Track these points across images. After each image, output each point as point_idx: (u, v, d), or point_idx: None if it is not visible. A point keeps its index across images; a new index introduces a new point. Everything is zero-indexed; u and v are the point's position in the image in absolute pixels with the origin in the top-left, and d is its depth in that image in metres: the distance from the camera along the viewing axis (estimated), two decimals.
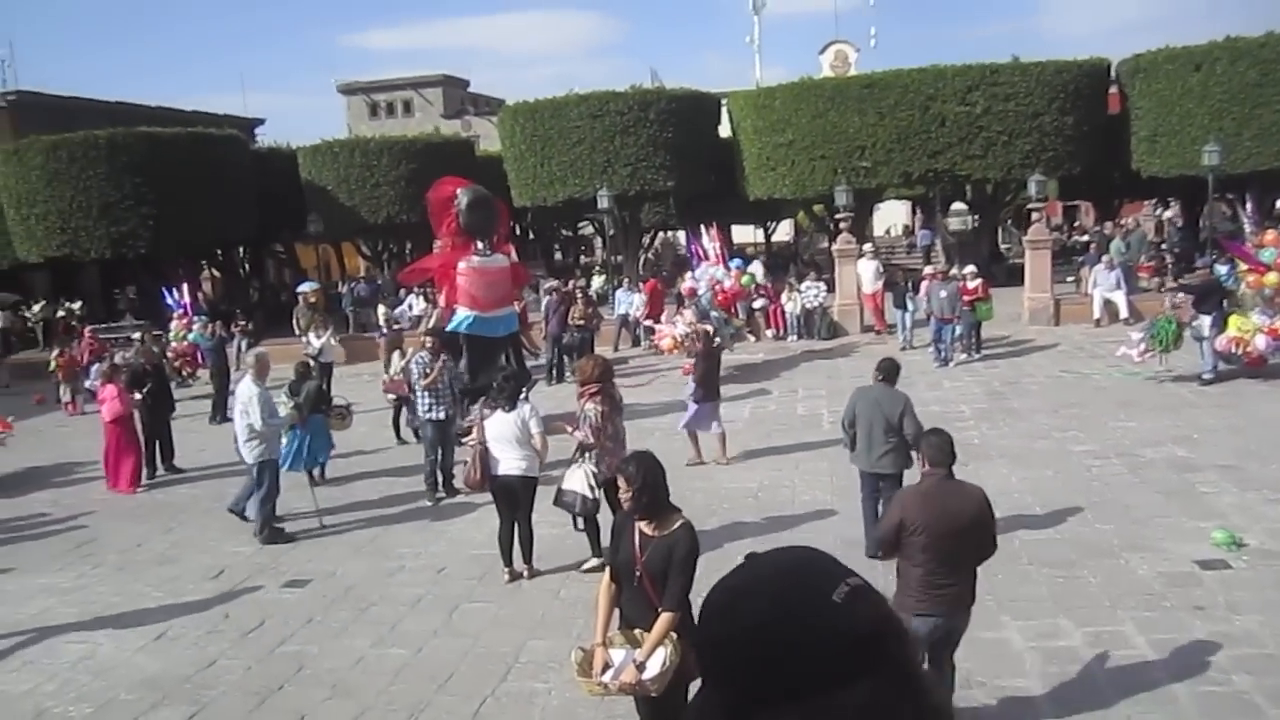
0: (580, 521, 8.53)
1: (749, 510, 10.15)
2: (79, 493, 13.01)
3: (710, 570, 7.60)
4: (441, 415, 11.59)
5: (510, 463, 8.35)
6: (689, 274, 20.30)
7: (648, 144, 28.09)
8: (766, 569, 1.33)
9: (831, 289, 23.07)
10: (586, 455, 8.44)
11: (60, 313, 31.47)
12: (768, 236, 42.75)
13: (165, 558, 10.22)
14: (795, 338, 22.18)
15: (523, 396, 8.85)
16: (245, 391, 10.37)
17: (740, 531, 9.38)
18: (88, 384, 18.27)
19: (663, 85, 32.07)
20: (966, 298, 17.80)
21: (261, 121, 51.46)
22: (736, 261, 21.23)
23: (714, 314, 17.65)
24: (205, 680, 7.19)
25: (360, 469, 13.14)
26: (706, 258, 19.60)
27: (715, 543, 8.48)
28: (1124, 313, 20.07)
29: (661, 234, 40.44)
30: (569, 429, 8.57)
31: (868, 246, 23.15)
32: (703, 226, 20.82)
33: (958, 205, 39.27)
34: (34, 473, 14.68)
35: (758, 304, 22.25)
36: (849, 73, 36.28)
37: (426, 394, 11.63)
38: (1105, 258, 22.05)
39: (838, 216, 23.75)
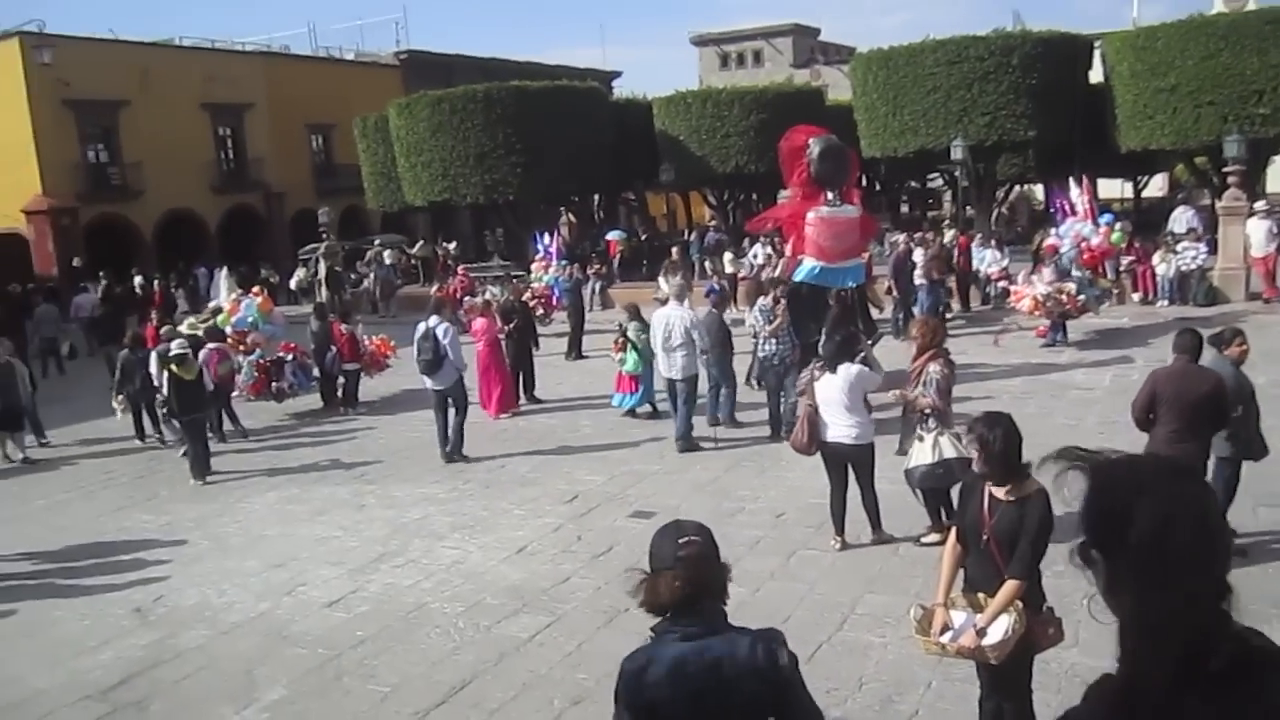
0: (920, 493, 8.25)
1: None
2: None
3: (1063, 542, 7.22)
4: (781, 362, 11.76)
5: (839, 429, 8.10)
6: (1052, 230, 19.11)
7: (1008, 91, 26.54)
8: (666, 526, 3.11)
9: (1213, 250, 20.88)
10: (936, 422, 8.11)
11: (438, 252, 34.67)
12: (1138, 192, 39.29)
13: (526, 479, 11.11)
14: (1166, 303, 20.30)
15: (860, 354, 8.56)
16: (682, 313, 11.48)
17: None
18: (460, 316, 20.00)
19: (1026, 28, 30.14)
20: None
21: (619, 74, 53.80)
22: (1106, 217, 19.69)
23: (1075, 273, 16.54)
24: (560, 594, 7.78)
25: (703, 412, 13.55)
26: (1074, 213, 18.33)
27: (1068, 514, 8.03)
28: None
29: (1017, 187, 38.23)
30: (902, 393, 8.29)
31: (1260, 204, 20.68)
32: (1071, 180, 19.46)
33: None
34: (412, 395, 16.32)
35: (1124, 264, 20.63)
36: (1247, 7, 32.33)
37: (768, 342, 11.84)
38: None
39: (1226, 170, 21.35)
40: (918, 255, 19.18)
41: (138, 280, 29.16)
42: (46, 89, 33.32)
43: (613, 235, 29.70)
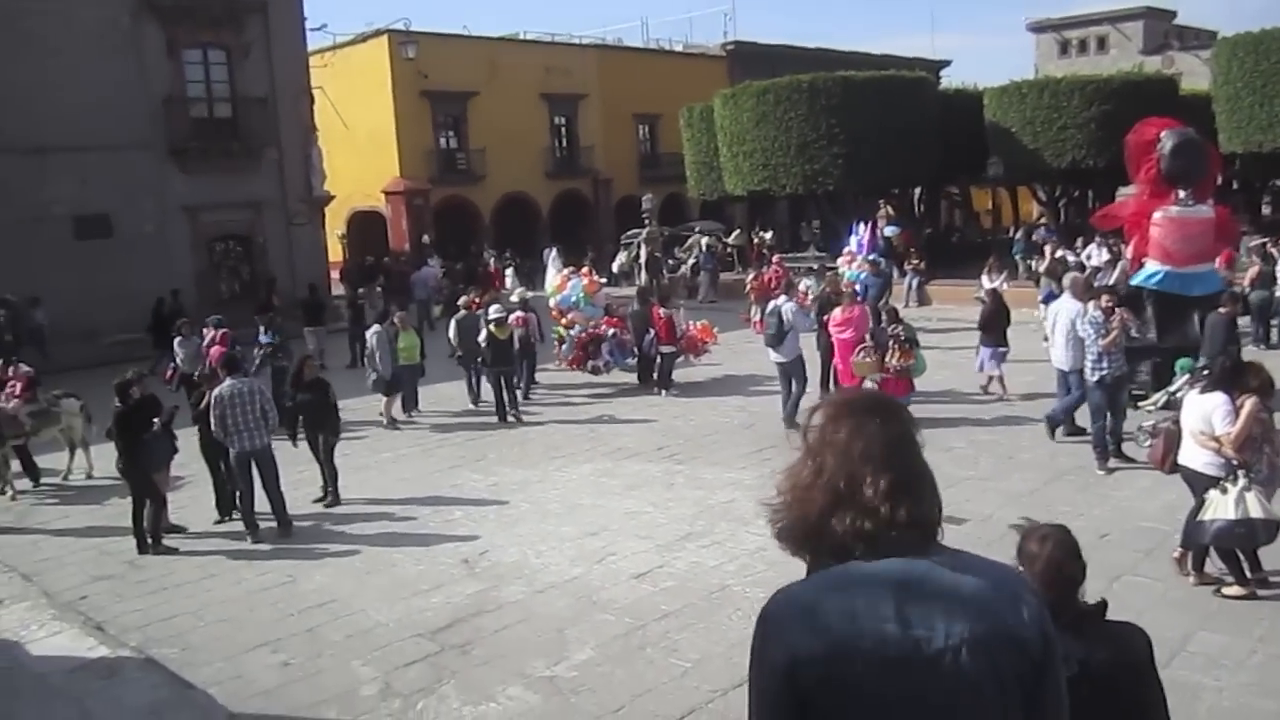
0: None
1: None
2: (765, 403, 14.43)
3: None
4: (1110, 378, 10.79)
5: (1191, 452, 7.46)
6: None
7: None
8: None
9: None
10: (1245, 473, 7.18)
11: (754, 241, 34.96)
12: None
13: None
14: None
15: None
16: (1070, 305, 11.33)
17: None
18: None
19: None
20: None
21: (948, 63, 52.02)
22: None
23: None
24: None
25: (1021, 418, 12.93)
26: None
27: None
28: None
29: None
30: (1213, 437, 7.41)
31: None
32: None
33: None
34: (728, 380, 16.71)
35: None
36: None
37: (1100, 356, 10.82)
38: None
39: None
40: None
41: (433, 262, 31.45)
42: (408, 81, 36.59)
43: (889, 230, 28.64)
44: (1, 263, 23.06)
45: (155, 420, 9.93)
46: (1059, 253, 21.06)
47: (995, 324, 14.27)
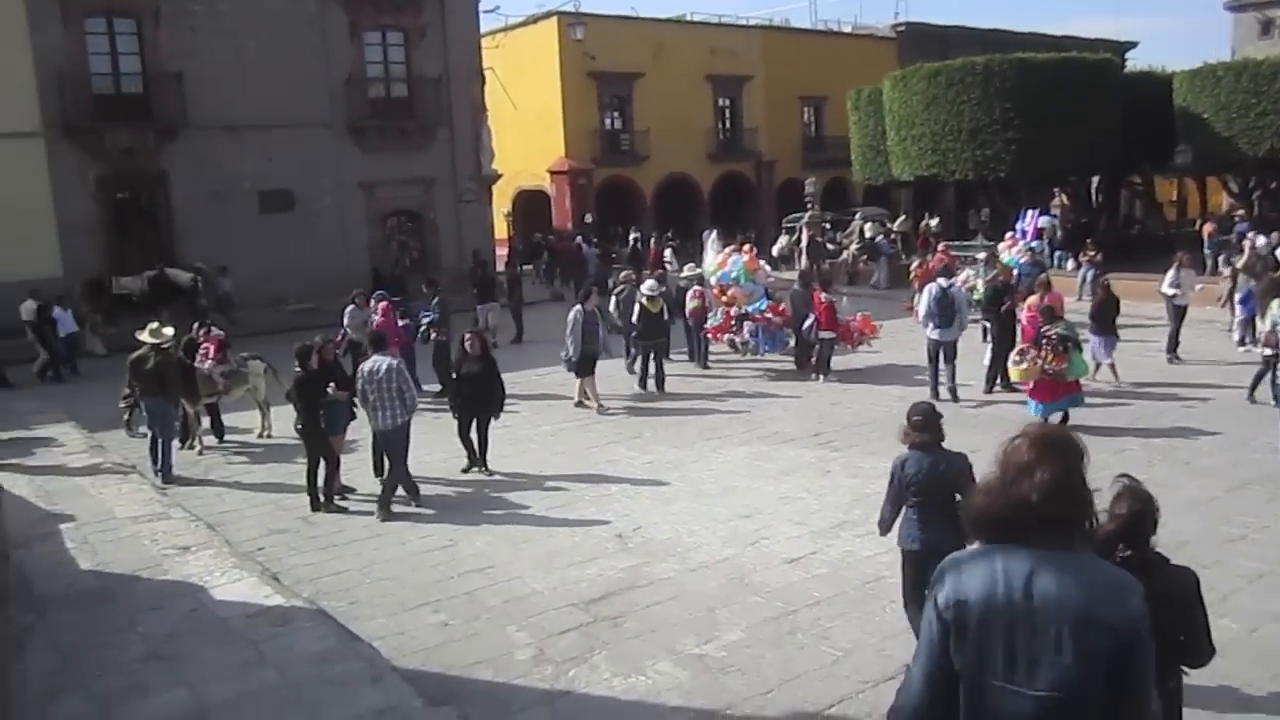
0: None
1: None
2: (926, 394, 13.94)
3: None
4: None
5: None
6: None
7: None
8: None
9: None
10: None
11: (919, 227, 34.11)
12: None
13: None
14: None
15: None
16: None
17: None
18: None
19: None
20: None
21: (1134, 45, 49.34)
22: None
23: None
24: None
25: (1201, 425, 12.24)
26: None
27: None
28: None
29: None
30: None
31: None
32: None
33: None
34: (890, 369, 16.38)
35: None
36: None
37: None
38: None
39: None
40: None
41: (633, 237, 32.23)
42: (575, 62, 37.11)
43: (1044, 221, 27.03)
44: (196, 233, 24.66)
45: (331, 385, 10.39)
46: (1259, 244, 19.71)
47: (1105, 314, 14.59)
